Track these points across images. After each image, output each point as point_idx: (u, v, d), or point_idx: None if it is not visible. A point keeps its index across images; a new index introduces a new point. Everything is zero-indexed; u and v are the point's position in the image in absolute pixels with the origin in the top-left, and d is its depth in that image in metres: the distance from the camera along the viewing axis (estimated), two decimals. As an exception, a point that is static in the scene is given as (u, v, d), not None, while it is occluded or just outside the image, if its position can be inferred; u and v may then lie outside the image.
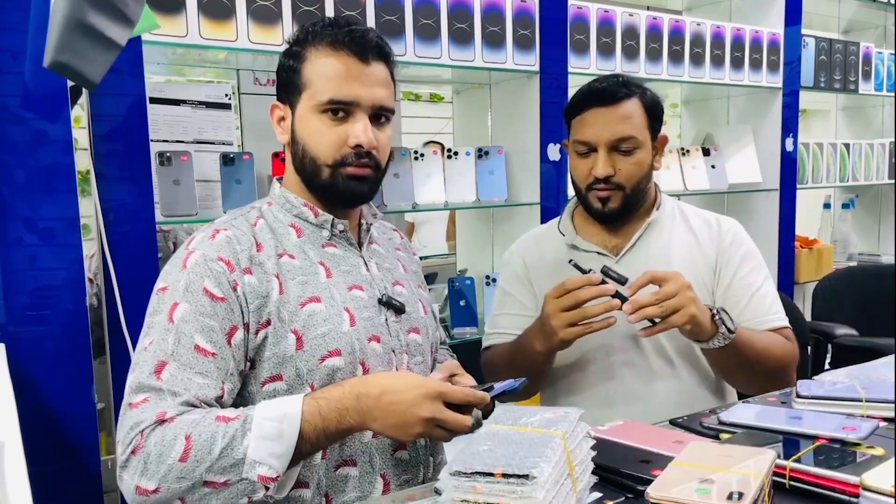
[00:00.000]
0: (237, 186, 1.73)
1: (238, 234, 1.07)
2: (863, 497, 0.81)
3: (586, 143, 1.42)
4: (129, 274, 1.50)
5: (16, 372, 1.30)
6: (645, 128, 1.42)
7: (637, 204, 1.47)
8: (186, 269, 1.02)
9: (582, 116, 1.43)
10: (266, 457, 0.92)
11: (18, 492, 0.78)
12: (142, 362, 0.98)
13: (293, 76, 1.11)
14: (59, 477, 1.44)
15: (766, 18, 2.69)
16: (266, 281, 1.05)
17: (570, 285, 1.27)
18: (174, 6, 1.53)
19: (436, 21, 1.89)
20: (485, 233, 2.40)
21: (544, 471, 0.72)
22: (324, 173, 1.10)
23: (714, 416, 1.10)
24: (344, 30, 1.08)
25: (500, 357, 1.48)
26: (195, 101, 1.80)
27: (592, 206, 1.45)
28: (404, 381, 1.00)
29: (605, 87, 1.42)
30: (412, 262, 1.32)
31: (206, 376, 0.98)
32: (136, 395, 0.96)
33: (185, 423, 0.92)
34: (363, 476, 1.08)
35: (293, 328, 1.05)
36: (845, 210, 3.38)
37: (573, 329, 1.27)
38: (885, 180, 3.28)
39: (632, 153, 1.41)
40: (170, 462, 0.90)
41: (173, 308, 1.00)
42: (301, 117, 1.10)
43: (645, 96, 1.43)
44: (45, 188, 1.40)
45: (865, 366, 1.29)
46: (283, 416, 0.94)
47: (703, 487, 0.75)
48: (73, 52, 1.02)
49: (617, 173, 1.41)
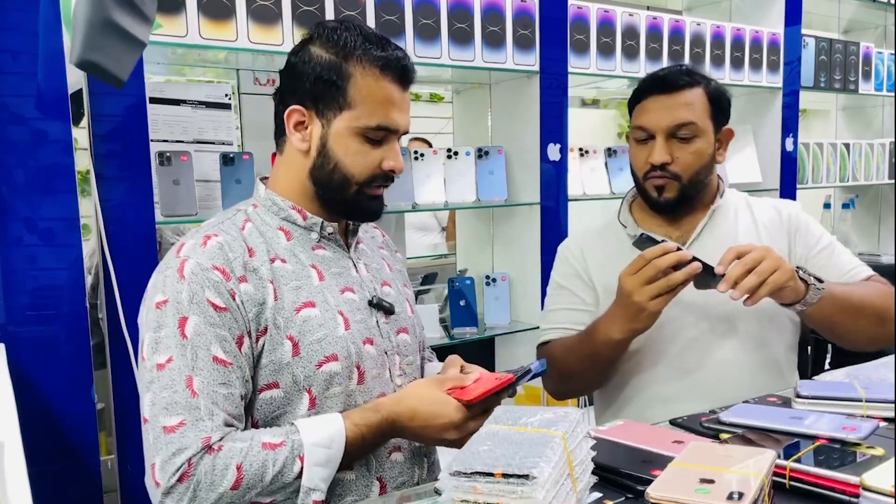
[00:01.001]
0: (237, 186, 1.73)
1: (229, 240, 1.05)
2: (863, 497, 0.81)
3: (644, 129, 1.41)
4: (128, 274, 1.50)
5: (16, 372, 1.30)
6: (707, 117, 1.40)
7: (695, 196, 1.45)
8: (185, 280, 1.00)
9: (643, 104, 1.42)
10: (318, 482, 0.98)
11: (18, 492, 0.78)
12: (163, 380, 0.97)
13: (333, 90, 1.07)
14: (59, 477, 1.44)
15: (766, 18, 2.69)
16: (261, 287, 1.04)
17: (648, 255, 1.25)
18: (174, 6, 1.53)
19: (436, 21, 1.89)
20: (485, 233, 2.40)
21: (544, 471, 0.72)
22: (351, 190, 1.10)
23: (714, 416, 1.10)
24: (392, 54, 1.08)
25: (565, 350, 1.45)
26: (195, 101, 1.80)
27: (649, 194, 1.43)
28: (432, 407, 1.04)
29: (667, 75, 1.42)
30: (395, 260, 1.32)
31: (230, 386, 0.99)
32: (170, 416, 0.95)
33: (235, 453, 0.95)
34: (360, 479, 1.08)
35: (289, 334, 1.04)
36: (845, 210, 3.38)
37: (660, 298, 1.25)
38: (885, 180, 3.28)
39: (691, 141, 1.39)
40: (221, 490, 0.93)
41: (183, 322, 0.98)
42: (339, 134, 1.08)
43: (709, 86, 1.42)
44: (45, 188, 1.40)
45: (865, 366, 1.29)
46: (331, 442, 0.99)
47: (703, 487, 0.75)
48: (101, 51, 1.02)
49: (674, 161, 1.39)
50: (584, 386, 1.56)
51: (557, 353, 1.46)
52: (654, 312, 1.27)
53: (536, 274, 2.17)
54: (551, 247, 2.16)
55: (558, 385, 1.52)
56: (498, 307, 2.20)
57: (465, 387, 1.07)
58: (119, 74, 1.06)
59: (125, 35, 1.04)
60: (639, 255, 1.27)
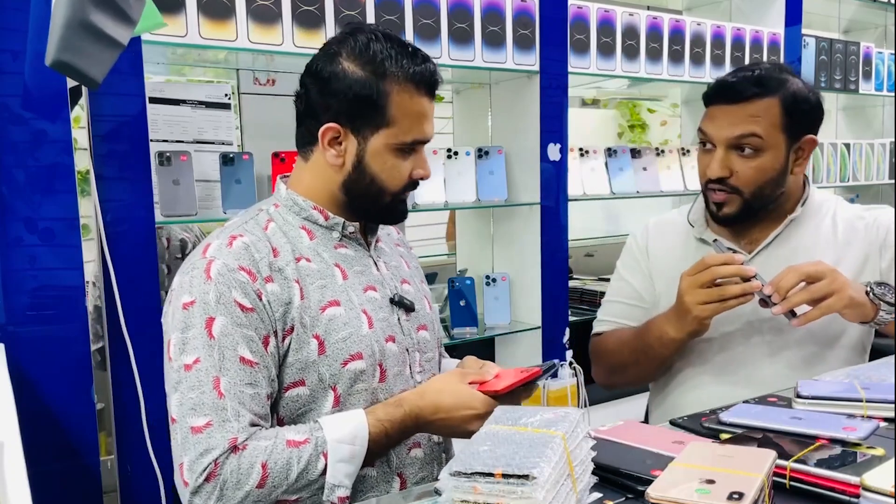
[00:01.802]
0: (237, 186, 1.73)
1: (254, 241, 1.06)
2: (863, 497, 0.81)
3: (706, 137, 1.34)
4: (128, 274, 1.50)
5: (16, 372, 1.30)
6: (777, 129, 1.30)
7: (762, 209, 1.36)
8: (212, 281, 1.00)
9: (709, 109, 1.35)
10: (343, 479, 0.99)
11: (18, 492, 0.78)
12: (190, 380, 0.98)
13: (371, 110, 1.07)
14: (59, 477, 1.44)
15: (766, 18, 2.69)
16: (287, 287, 1.04)
17: (709, 261, 1.23)
18: (174, 6, 1.53)
19: (436, 21, 1.89)
20: (485, 233, 2.40)
21: (544, 471, 0.72)
22: (385, 200, 1.13)
23: (714, 416, 1.10)
24: (426, 68, 1.09)
25: (620, 343, 1.43)
26: (195, 101, 1.80)
27: (708, 206, 1.38)
28: (454, 399, 1.05)
29: (735, 83, 1.32)
30: (412, 257, 1.33)
31: (256, 386, 1.00)
32: (197, 417, 0.96)
33: (260, 451, 0.96)
34: (381, 476, 1.10)
35: (315, 333, 1.05)
36: (845, 210, 3.37)
37: (709, 306, 1.23)
38: (885, 180, 3.28)
39: (754, 156, 1.30)
40: (247, 489, 0.95)
41: (210, 323, 0.99)
42: (377, 151, 1.09)
43: (785, 94, 1.30)
44: (45, 188, 1.40)
45: (865, 366, 1.29)
46: (354, 438, 1.00)
47: (703, 487, 0.75)
48: (76, 52, 1.02)
49: (733, 175, 1.31)
50: (632, 380, 1.52)
51: (610, 346, 1.45)
52: (700, 318, 1.25)
53: (536, 274, 2.17)
54: (551, 247, 2.17)
55: (608, 377, 1.51)
56: (498, 307, 2.20)
57: (487, 381, 1.08)
58: (94, 76, 1.06)
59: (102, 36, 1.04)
60: (701, 259, 1.24)
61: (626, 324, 1.46)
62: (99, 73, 1.07)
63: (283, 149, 1.82)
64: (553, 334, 2.19)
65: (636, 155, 2.44)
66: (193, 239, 2.08)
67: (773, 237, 1.39)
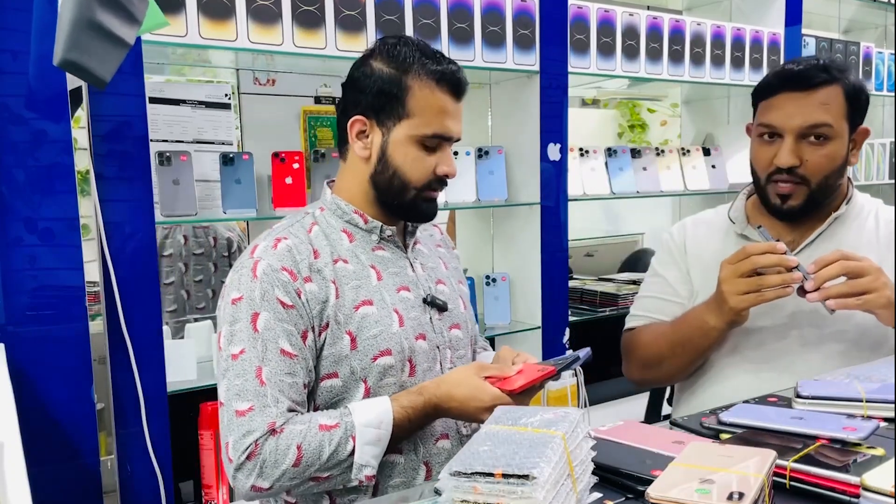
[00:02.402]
0: (237, 186, 1.73)
1: (297, 243, 1.15)
2: (863, 497, 0.81)
3: (771, 127, 1.31)
4: (128, 274, 1.50)
5: (16, 372, 1.30)
6: (842, 117, 1.30)
7: (823, 202, 1.34)
8: (258, 279, 1.10)
9: (771, 100, 1.32)
10: (370, 459, 1.08)
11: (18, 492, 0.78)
12: (236, 369, 1.08)
13: (393, 101, 1.16)
14: (59, 477, 1.44)
15: (766, 18, 2.69)
16: (325, 287, 1.13)
17: (750, 250, 1.20)
18: (174, 6, 1.53)
19: (436, 21, 1.89)
20: (485, 233, 2.40)
21: (544, 471, 0.72)
22: (409, 195, 1.19)
23: (714, 416, 1.10)
24: (447, 68, 1.17)
25: (655, 336, 1.40)
26: (195, 101, 1.81)
27: (770, 200, 1.34)
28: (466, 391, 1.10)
29: (802, 70, 1.30)
30: (452, 257, 1.39)
31: (294, 376, 1.10)
32: (241, 402, 1.07)
33: (295, 434, 1.06)
34: (408, 463, 1.17)
35: (348, 330, 1.14)
36: (845, 210, 3.38)
37: (747, 297, 1.20)
38: (885, 180, 3.28)
39: (824, 144, 1.28)
40: (284, 468, 1.05)
41: (255, 318, 1.09)
42: (398, 143, 1.17)
43: (847, 83, 1.30)
44: (45, 188, 1.40)
45: (865, 366, 1.29)
46: (380, 423, 1.08)
47: (703, 487, 0.75)
48: (84, 51, 1.02)
49: (803, 164, 1.29)
50: (666, 374, 1.46)
51: (644, 340, 1.42)
52: (736, 308, 1.22)
53: (536, 274, 2.17)
54: (551, 247, 2.17)
55: (641, 373, 1.48)
56: (498, 307, 2.20)
57: (507, 377, 1.13)
58: (102, 75, 1.06)
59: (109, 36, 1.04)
60: (742, 247, 1.22)
61: (659, 318, 1.43)
62: (107, 73, 1.07)
63: (283, 149, 1.82)
64: (553, 334, 2.19)
65: (636, 155, 2.44)
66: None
67: (817, 234, 1.36)
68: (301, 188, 1.81)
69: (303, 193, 1.82)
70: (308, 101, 2.33)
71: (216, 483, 1.72)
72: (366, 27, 1.78)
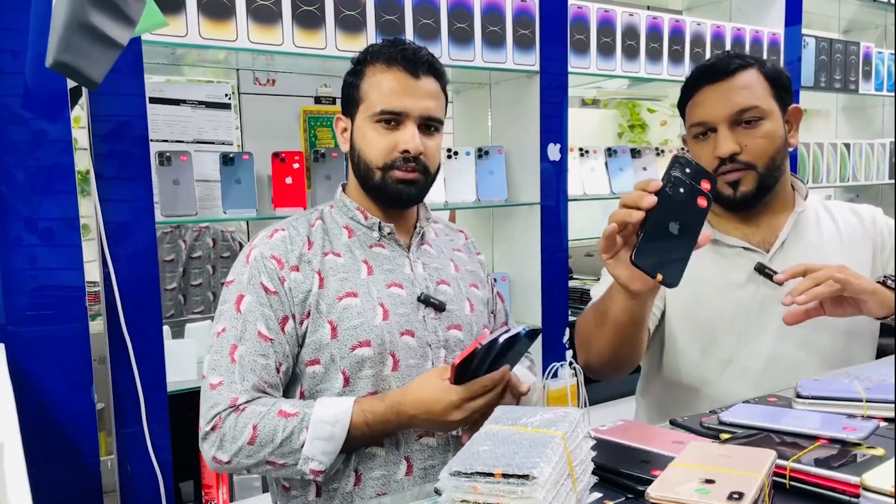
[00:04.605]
0: (237, 186, 1.73)
1: (293, 234, 1.21)
2: (863, 497, 0.81)
3: (703, 124, 1.31)
4: (128, 274, 1.50)
5: (16, 372, 1.30)
6: (768, 97, 1.30)
7: (773, 185, 1.33)
8: (248, 265, 1.17)
9: (695, 98, 1.33)
10: (318, 454, 1.10)
11: (18, 492, 0.78)
12: (217, 345, 1.15)
13: (353, 91, 1.23)
14: (59, 477, 1.44)
15: (766, 18, 2.69)
16: (310, 277, 1.18)
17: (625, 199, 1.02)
18: (174, 6, 1.53)
19: (436, 21, 1.89)
20: (485, 233, 2.40)
21: (544, 471, 0.72)
22: (375, 176, 1.21)
23: (714, 416, 1.10)
24: (398, 48, 1.20)
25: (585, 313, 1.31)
26: (195, 101, 1.81)
27: (723, 193, 1.32)
28: (432, 392, 1.09)
29: (716, 62, 1.32)
30: (471, 262, 1.40)
31: (267, 358, 1.14)
32: (214, 376, 1.13)
33: (254, 414, 1.10)
34: (388, 455, 1.18)
35: (329, 319, 1.16)
36: (845, 210, 3.37)
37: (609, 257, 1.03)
38: (885, 180, 3.28)
39: (757, 125, 1.28)
40: (240, 444, 1.10)
41: (239, 299, 1.16)
42: (358, 127, 1.22)
43: (764, 66, 1.32)
44: (45, 188, 1.40)
45: (865, 366, 1.29)
46: (336, 422, 1.10)
47: (703, 487, 0.75)
48: (76, 52, 1.02)
49: (744, 150, 1.28)
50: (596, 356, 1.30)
51: (578, 323, 1.35)
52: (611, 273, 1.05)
53: (536, 274, 2.17)
54: (551, 247, 2.17)
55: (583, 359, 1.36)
56: (498, 307, 2.20)
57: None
58: (93, 76, 1.06)
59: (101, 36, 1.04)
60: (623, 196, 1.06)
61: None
62: (98, 74, 1.07)
63: (283, 149, 1.82)
64: (553, 334, 2.19)
65: (636, 155, 2.44)
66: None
67: (785, 234, 1.36)
68: (301, 188, 1.82)
69: (303, 193, 1.82)
70: (308, 101, 2.33)
71: (216, 483, 1.72)
72: (366, 27, 1.78)
